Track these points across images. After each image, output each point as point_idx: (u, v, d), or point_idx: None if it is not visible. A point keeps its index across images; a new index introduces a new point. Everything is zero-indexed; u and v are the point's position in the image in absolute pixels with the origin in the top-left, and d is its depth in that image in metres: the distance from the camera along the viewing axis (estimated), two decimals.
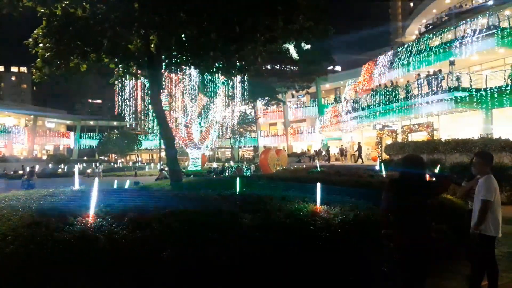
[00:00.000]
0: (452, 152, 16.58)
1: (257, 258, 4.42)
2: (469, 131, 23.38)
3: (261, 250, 4.50)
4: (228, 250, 4.35)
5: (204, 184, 10.67)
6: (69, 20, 10.95)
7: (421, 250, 3.83)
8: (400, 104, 26.75)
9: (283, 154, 26.56)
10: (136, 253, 4.03)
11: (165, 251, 4.11)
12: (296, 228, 5.08)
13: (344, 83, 44.42)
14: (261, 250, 4.50)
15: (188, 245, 4.29)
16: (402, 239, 3.88)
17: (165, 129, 12.82)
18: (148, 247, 4.12)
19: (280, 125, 55.73)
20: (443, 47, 26.27)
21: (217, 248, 4.33)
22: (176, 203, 5.55)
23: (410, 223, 3.85)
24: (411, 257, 3.86)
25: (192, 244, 4.31)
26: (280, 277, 4.43)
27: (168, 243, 4.22)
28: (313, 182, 6.97)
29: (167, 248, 4.14)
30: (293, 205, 6.06)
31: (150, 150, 63.57)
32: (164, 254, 4.06)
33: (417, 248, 3.81)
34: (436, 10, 39.33)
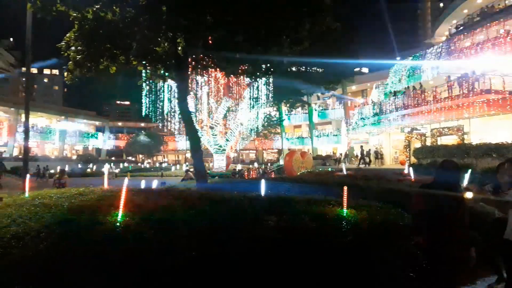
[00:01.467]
0: (483, 157, 16.06)
1: (282, 261, 4.38)
2: (502, 135, 22.56)
3: (287, 252, 4.47)
4: (252, 252, 4.34)
5: (229, 185, 10.71)
6: (99, 24, 11.26)
7: (453, 257, 3.71)
8: (429, 106, 26.11)
9: (308, 156, 26.37)
10: (162, 252, 4.07)
11: (190, 251, 4.13)
12: (322, 232, 5.02)
13: (371, 85, 43.74)
14: (286, 252, 4.47)
15: (214, 246, 4.30)
16: (434, 246, 3.77)
17: (191, 130, 12.97)
18: (175, 247, 4.16)
19: (305, 127, 55.37)
20: (474, 48, 25.49)
21: (241, 250, 4.33)
22: (202, 204, 5.59)
23: (443, 229, 3.74)
24: (443, 264, 3.75)
25: (217, 245, 4.32)
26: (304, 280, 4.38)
27: (193, 244, 4.25)
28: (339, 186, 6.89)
29: (192, 249, 4.17)
30: (319, 208, 6.00)
31: (176, 151, 64.45)
32: (190, 254, 4.09)
33: (449, 255, 3.70)
34: (467, 11, 38.25)
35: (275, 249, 4.48)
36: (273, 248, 4.49)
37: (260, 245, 4.46)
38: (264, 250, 4.42)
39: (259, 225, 4.95)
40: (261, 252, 4.38)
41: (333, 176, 13.48)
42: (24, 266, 3.74)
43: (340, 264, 4.61)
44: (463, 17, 39.33)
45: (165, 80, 16.02)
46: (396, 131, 33.24)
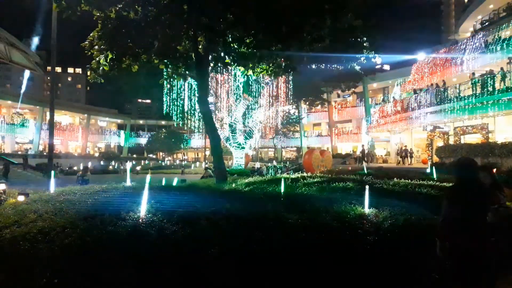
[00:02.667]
0: (509, 156, 15.62)
1: (302, 259, 4.37)
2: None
3: (307, 251, 4.45)
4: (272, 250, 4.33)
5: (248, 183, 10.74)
6: (122, 23, 11.43)
7: (478, 260, 3.62)
8: (453, 104, 25.52)
9: (328, 155, 26.17)
10: (184, 249, 4.11)
11: (212, 248, 4.16)
12: (343, 231, 4.97)
13: (393, 83, 43.03)
14: (306, 251, 4.45)
15: (234, 243, 4.32)
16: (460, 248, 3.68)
17: (211, 128, 13.05)
18: (196, 243, 4.19)
19: (324, 126, 54.97)
20: (501, 44, 24.76)
21: (261, 248, 4.33)
22: (222, 201, 5.62)
23: (469, 232, 3.64)
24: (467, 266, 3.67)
25: (238, 243, 4.34)
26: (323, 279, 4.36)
27: (215, 240, 4.28)
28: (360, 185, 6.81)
29: (214, 245, 4.19)
30: (340, 207, 5.94)
31: (196, 149, 64.99)
32: (212, 251, 4.11)
33: (474, 258, 3.61)
34: (493, 6, 37.12)
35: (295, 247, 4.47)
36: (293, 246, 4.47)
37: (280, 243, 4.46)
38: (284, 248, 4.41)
39: (280, 223, 4.94)
40: (281, 250, 4.37)
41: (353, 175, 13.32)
42: (50, 260, 3.83)
43: (362, 264, 4.56)
44: (489, 13, 38.21)
45: (185, 79, 16.16)
46: (419, 129, 32.63)
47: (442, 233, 3.90)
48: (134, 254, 3.97)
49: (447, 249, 3.80)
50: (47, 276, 3.65)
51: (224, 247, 4.20)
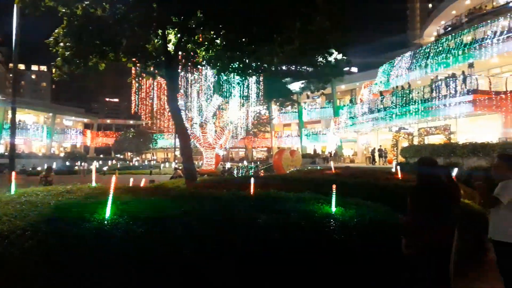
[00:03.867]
0: (470, 156, 16.30)
1: (271, 259, 4.41)
2: (488, 135, 22.96)
3: (276, 250, 4.50)
4: (242, 250, 4.36)
5: (218, 183, 10.70)
6: (89, 20, 11.14)
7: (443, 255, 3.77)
8: (417, 106, 26.41)
9: (297, 155, 26.49)
10: (151, 251, 4.06)
11: (180, 250, 4.13)
12: (311, 230, 5.05)
13: (360, 85, 44.08)
14: (275, 250, 4.50)
15: (203, 244, 4.31)
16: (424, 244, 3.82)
17: (180, 128, 12.93)
18: (163, 245, 4.15)
19: (294, 126, 55.57)
20: (462, 49, 25.84)
21: (231, 248, 4.35)
22: (191, 202, 5.59)
23: (434, 227, 3.78)
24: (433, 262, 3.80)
25: (206, 244, 4.33)
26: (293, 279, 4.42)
27: (183, 242, 4.25)
28: (328, 184, 6.92)
29: (182, 247, 4.17)
30: (308, 207, 6.03)
31: (165, 149, 64.15)
32: (179, 254, 4.09)
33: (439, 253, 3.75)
34: (455, 12, 38.70)
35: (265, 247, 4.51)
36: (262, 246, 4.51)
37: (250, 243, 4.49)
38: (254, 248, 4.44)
39: (249, 223, 4.96)
40: (251, 250, 4.40)
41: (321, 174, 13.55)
42: (9, 264, 3.70)
43: (328, 263, 4.65)
44: (451, 18, 39.78)
45: (155, 78, 15.95)
46: (384, 130, 33.57)
47: (407, 231, 4.04)
48: (98, 256, 3.89)
49: (413, 247, 3.93)
50: (4, 279, 3.52)
51: (193, 249, 4.18)
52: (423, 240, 3.83)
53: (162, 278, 4.00)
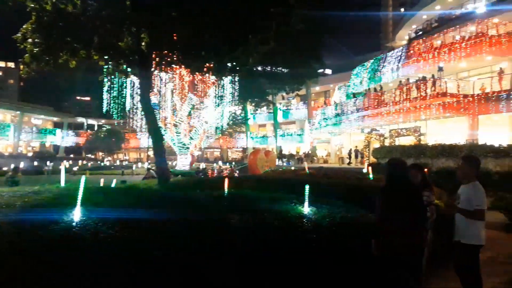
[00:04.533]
0: (438, 157, 16.79)
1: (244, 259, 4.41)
2: (456, 137, 23.74)
3: (248, 250, 4.50)
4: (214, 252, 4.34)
5: (192, 184, 10.63)
6: (59, 16, 10.85)
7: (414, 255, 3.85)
8: (388, 108, 27.02)
9: (272, 155, 26.58)
10: (121, 254, 3.99)
11: (150, 253, 4.07)
12: (284, 230, 5.08)
13: (334, 86, 44.72)
14: (248, 251, 4.50)
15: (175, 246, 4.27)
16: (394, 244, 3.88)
17: (153, 128, 12.75)
18: (134, 247, 4.08)
19: (269, 127, 55.79)
20: (432, 53, 26.61)
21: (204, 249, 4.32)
22: (163, 203, 5.52)
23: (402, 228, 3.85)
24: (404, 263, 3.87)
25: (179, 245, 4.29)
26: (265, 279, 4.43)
27: (153, 245, 4.19)
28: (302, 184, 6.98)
29: (152, 251, 4.11)
30: (281, 207, 6.06)
31: (138, 149, 63.11)
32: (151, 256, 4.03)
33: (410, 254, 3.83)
34: (426, 16, 39.80)
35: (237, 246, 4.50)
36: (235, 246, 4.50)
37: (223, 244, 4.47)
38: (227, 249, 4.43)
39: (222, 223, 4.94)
40: (223, 250, 4.38)
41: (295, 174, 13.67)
42: None
43: (300, 262, 4.69)
44: (422, 23, 40.89)
45: (127, 76, 15.67)
46: (357, 131, 34.16)
47: (377, 231, 4.11)
48: (66, 259, 3.78)
49: (384, 247, 3.99)
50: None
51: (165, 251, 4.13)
52: (393, 240, 3.90)
53: (131, 282, 3.93)
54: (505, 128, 24.23)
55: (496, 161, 14.53)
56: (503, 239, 7.79)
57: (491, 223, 8.40)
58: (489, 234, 7.02)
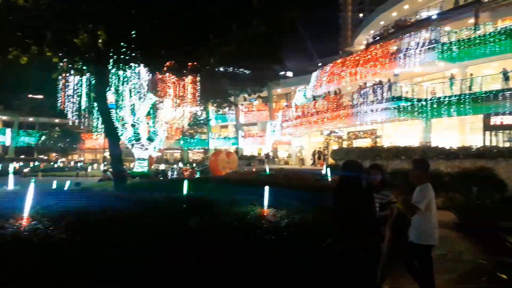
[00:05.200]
0: (393, 159, 17.35)
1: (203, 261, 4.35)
2: (410, 139, 24.72)
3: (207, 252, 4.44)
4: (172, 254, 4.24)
5: (150, 186, 10.40)
6: (9, 10, 10.26)
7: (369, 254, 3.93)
8: (347, 111, 27.70)
9: (234, 156, 26.53)
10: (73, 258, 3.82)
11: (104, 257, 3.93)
12: (244, 231, 5.07)
13: (295, 89, 45.29)
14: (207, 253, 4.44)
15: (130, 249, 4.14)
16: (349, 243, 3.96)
17: (109, 127, 12.36)
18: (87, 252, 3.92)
19: (231, 128, 55.70)
20: (388, 58, 27.56)
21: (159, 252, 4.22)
22: (119, 206, 5.35)
23: (356, 227, 3.93)
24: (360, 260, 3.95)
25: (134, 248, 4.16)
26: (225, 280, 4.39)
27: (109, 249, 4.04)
28: (262, 185, 7.01)
29: (106, 254, 3.96)
30: (241, 208, 6.05)
31: (94, 150, 60.96)
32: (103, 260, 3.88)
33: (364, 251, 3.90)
34: (383, 22, 41.11)
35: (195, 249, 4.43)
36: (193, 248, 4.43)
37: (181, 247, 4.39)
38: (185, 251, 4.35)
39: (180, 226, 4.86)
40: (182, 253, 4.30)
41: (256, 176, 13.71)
42: None
43: (261, 263, 4.68)
44: (380, 28, 42.24)
45: (83, 74, 15.08)
46: (317, 133, 34.79)
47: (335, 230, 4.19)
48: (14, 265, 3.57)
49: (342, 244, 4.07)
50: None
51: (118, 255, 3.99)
52: (348, 238, 3.99)
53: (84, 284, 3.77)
54: (456, 131, 25.52)
55: (447, 162, 15.21)
56: (453, 238, 8.15)
57: (442, 222, 8.78)
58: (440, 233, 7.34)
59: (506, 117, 21.64)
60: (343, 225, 4.03)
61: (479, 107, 21.96)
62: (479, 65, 25.00)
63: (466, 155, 15.30)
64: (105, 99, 12.47)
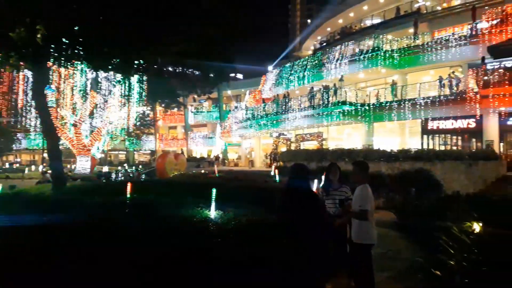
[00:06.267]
0: (338, 161, 17.90)
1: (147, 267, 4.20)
2: (354, 142, 25.67)
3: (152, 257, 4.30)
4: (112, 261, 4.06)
5: (91, 189, 9.93)
6: None
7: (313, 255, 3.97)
8: (294, 114, 28.23)
9: (182, 158, 26.09)
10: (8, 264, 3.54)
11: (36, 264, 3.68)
12: (189, 234, 4.97)
13: (245, 91, 45.49)
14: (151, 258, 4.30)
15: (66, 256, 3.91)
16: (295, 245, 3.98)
17: (48, 127, 11.68)
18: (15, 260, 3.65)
19: (180, 129, 54.80)
20: (334, 63, 28.46)
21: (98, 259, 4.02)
22: (55, 211, 5.04)
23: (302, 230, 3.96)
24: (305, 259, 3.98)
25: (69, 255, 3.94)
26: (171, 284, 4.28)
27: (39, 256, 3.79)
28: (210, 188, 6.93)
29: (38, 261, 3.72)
30: (188, 211, 5.94)
31: (32, 151, 57.37)
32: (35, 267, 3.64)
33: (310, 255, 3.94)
34: (330, 29, 42.40)
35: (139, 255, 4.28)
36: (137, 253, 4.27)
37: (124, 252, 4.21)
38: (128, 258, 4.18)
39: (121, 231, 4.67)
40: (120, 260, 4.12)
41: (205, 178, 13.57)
42: None
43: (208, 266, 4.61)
44: (327, 34, 43.54)
45: (19, 70, 14.11)
46: (266, 135, 35.14)
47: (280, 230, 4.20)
48: None
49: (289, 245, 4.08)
50: None
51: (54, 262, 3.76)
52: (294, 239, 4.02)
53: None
54: (397, 135, 26.86)
55: (388, 164, 15.93)
56: (392, 236, 8.51)
57: (383, 222, 9.18)
58: (380, 232, 7.64)
59: (442, 122, 23.15)
60: (289, 228, 4.06)
61: (417, 112, 23.27)
62: (418, 72, 26.51)
63: (405, 157, 16.10)
64: (43, 97, 11.76)
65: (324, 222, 4.16)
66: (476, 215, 6.10)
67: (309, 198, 4.07)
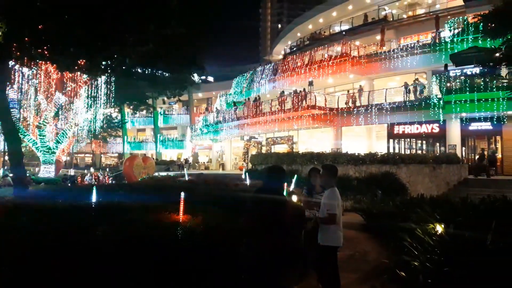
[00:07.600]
0: (308, 164, 18.11)
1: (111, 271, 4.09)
2: (323, 145, 26.07)
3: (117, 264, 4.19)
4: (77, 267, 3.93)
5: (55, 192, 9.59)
6: None
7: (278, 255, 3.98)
8: (265, 117, 28.38)
9: (151, 162, 25.61)
10: None
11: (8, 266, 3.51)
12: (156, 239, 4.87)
13: (216, 94, 45.31)
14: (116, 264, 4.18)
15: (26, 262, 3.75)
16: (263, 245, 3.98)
17: (8, 128, 11.21)
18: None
19: (149, 132, 53.85)
20: (303, 68, 28.82)
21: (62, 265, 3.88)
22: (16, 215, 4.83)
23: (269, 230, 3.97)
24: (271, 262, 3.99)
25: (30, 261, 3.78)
26: None
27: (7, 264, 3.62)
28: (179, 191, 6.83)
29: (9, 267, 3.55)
30: (155, 215, 5.83)
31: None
32: None
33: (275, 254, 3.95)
34: (300, 34, 42.96)
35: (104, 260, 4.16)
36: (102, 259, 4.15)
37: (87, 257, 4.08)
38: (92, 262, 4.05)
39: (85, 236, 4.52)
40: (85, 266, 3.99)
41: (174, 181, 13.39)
42: None
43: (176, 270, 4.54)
44: (297, 40, 44.07)
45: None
46: (237, 138, 35.14)
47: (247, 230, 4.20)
48: None
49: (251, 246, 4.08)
50: None
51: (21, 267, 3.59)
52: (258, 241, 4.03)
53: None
54: (364, 139, 27.48)
55: (355, 168, 16.27)
56: (359, 238, 8.66)
57: (350, 223, 9.35)
58: (348, 234, 7.79)
59: (407, 127, 23.89)
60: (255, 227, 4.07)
61: (384, 117, 23.90)
62: (384, 78, 27.25)
63: (372, 161, 16.49)
64: (4, 96, 11.27)
65: (284, 228, 4.15)
66: (439, 216, 6.30)
67: (275, 203, 4.06)
